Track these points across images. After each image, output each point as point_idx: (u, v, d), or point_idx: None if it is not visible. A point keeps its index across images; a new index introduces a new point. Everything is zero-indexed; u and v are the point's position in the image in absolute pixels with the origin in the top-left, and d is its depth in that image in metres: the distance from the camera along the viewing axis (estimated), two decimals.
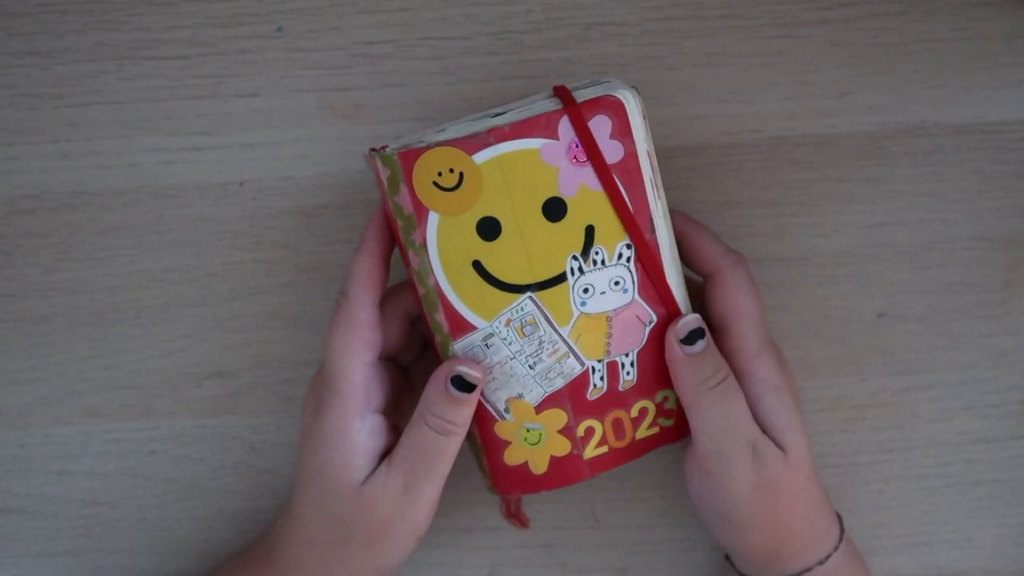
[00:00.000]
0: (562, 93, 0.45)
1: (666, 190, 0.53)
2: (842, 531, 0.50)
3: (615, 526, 0.56)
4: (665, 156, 0.53)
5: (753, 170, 0.53)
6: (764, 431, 0.47)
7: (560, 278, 0.46)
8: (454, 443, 0.46)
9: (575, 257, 0.45)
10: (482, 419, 0.47)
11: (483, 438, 0.48)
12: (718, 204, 0.53)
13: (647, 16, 0.52)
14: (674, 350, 0.46)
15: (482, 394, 0.47)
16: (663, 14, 0.52)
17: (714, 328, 0.48)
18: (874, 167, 0.53)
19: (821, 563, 0.48)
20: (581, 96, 0.45)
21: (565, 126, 0.44)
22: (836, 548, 0.49)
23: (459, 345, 0.46)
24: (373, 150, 0.45)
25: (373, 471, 0.46)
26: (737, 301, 0.48)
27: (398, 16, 0.52)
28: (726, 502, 0.47)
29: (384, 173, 0.45)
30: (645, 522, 0.56)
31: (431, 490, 0.47)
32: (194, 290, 0.54)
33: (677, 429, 0.49)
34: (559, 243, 0.45)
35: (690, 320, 0.46)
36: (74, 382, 0.55)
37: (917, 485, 0.56)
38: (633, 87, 0.45)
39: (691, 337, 0.46)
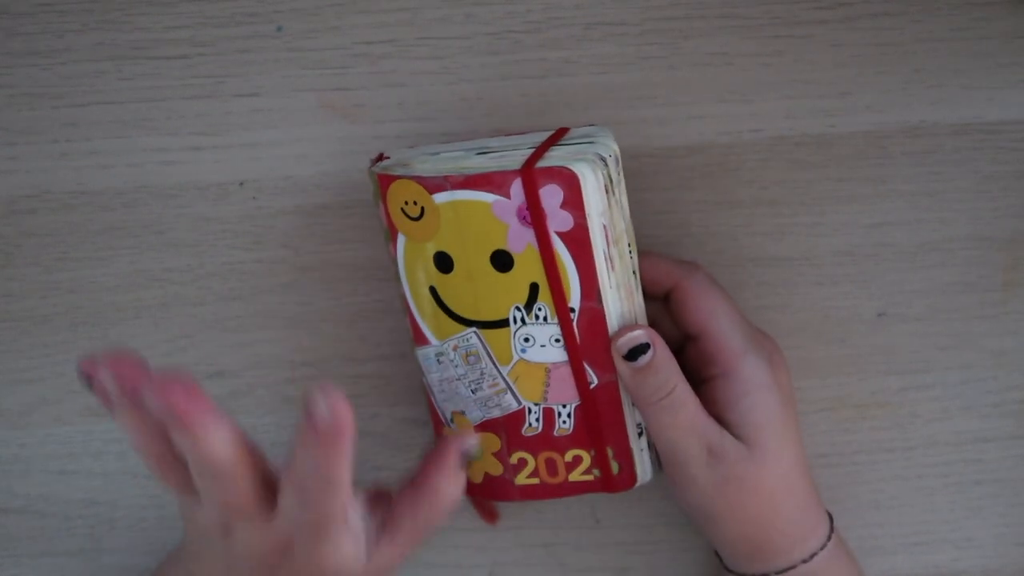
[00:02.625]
0: (542, 146, 0.45)
1: (666, 190, 0.53)
2: (831, 531, 0.50)
3: (615, 526, 0.56)
4: (665, 156, 0.53)
5: (753, 170, 0.53)
6: (737, 427, 0.47)
7: (503, 323, 0.46)
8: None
9: (518, 308, 0.46)
10: (435, 422, 0.50)
11: (436, 436, 0.51)
12: (718, 204, 0.53)
13: (647, 16, 0.52)
14: (619, 366, 0.46)
15: (434, 399, 0.49)
16: (663, 14, 0.52)
17: (693, 337, 0.49)
18: (874, 167, 0.53)
19: (806, 561, 0.48)
20: (554, 152, 0.45)
21: (517, 187, 0.44)
22: (823, 547, 0.49)
23: (420, 351, 0.48)
24: (380, 156, 0.47)
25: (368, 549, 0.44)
26: (704, 303, 0.48)
27: (398, 16, 0.52)
28: (695, 497, 0.47)
29: (371, 186, 0.47)
30: (645, 522, 0.56)
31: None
32: (194, 290, 0.54)
33: (610, 482, 0.49)
34: (505, 292, 0.46)
35: (633, 336, 0.45)
36: (74, 382, 0.55)
37: (917, 485, 0.56)
38: (604, 159, 0.44)
39: (633, 354, 0.45)
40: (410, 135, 0.52)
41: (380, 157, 0.47)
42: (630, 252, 0.46)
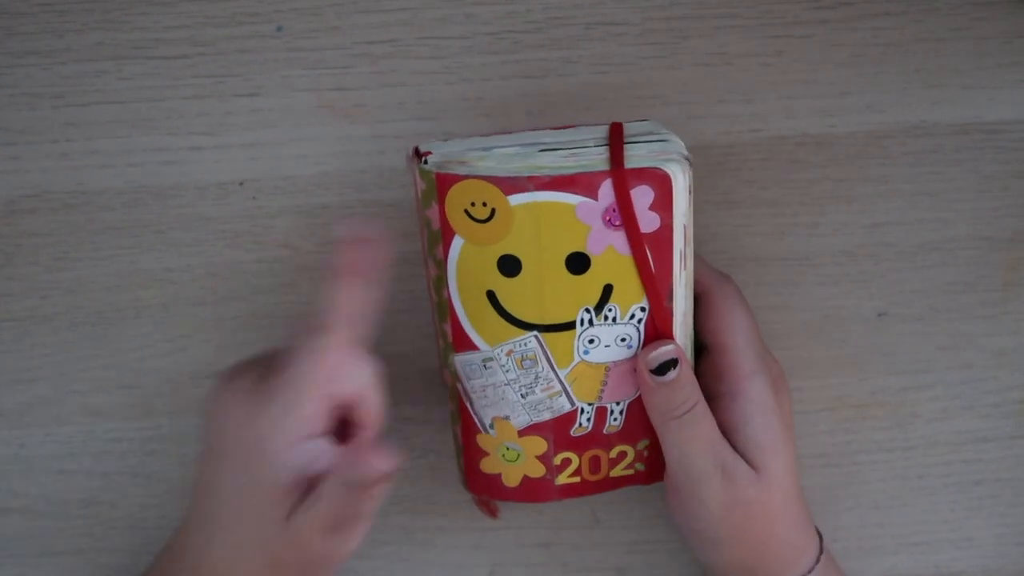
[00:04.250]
0: (615, 144, 0.43)
1: None
2: (821, 550, 0.50)
3: (615, 526, 0.56)
4: None
5: (753, 170, 0.53)
6: (744, 450, 0.47)
7: (569, 325, 0.45)
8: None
9: (587, 310, 0.45)
10: (467, 427, 0.48)
11: (465, 443, 0.49)
12: (718, 204, 0.53)
13: (647, 16, 0.52)
14: (643, 377, 0.46)
15: (471, 405, 0.48)
16: (663, 14, 0.52)
17: (707, 347, 0.49)
18: (874, 167, 0.53)
19: None
20: (632, 151, 0.43)
21: (607, 188, 0.43)
22: (811, 569, 0.49)
23: (459, 358, 0.47)
24: (417, 153, 0.44)
25: (299, 502, 0.44)
26: (729, 317, 0.48)
27: (398, 16, 0.52)
28: (700, 520, 0.47)
29: (420, 185, 0.44)
30: (645, 522, 0.56)
31: (362, 532, 0.45)
32: (194, 290, 0.54)
33: (651, 474, 0.49)
34: (575, 294, 0.45)
35: (664, 351, 0.46)
36: (74, 382, 0.55)
37: (917, 484, 0.56)
38: (687, 158, 0.43)
39: (662, 368, 0.46)
40: (410, 135, 0.52)
41: (418, 152, 0.44)
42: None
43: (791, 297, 0.54)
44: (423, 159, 0.43)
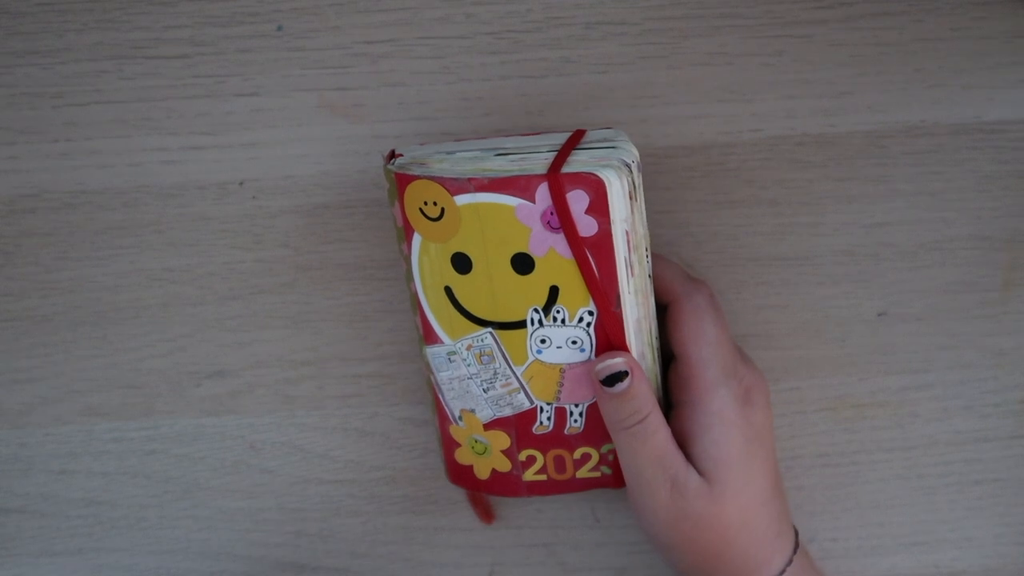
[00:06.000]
0: (563, 149, 0.45)
1: (666, 190, 0.53)
2: (790, 560, 0.49)
3: (615, 526, 0.56)
4: (665, 156, 0.53)
5: (753, 170, 0.53)
6: (699, 461, 0.47)
7: (520, 324, 0.46)
8: None
9: (536, 310, 0.46)
10: (442, 418, 0.50)
11: (442, 433, 0.51)
12: (718, 204, 0.53)
13: (647, 16, 0.52)
14: (596, 386, 0.47)
15: (442, 396, 0.49)
16: (663, 13, 0.52)
17: (674, 356, 0.49)
18: (874, 167, 0.53)
19: None
20: (575, 156, 0.45)
21: (543, 192, 0.44)
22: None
23: (429, 350, 0.48)
24: (392, 155, 0.47)
25: None
26: (694, 328, 0.48)
27: (398, 16, 0.52)
28: (652, 526, 0.48)
29: (386, 183, 0.46)
30: None
31: None
32: (194, 289, 0.54)
33: (618, 478, 0.50)
34: (523, 294, 0.46)
35: (612, 364, 0.46)
36: (74, 382, 0.55)
37: (917, 484, 0.56)
38: (628, 165, 0.44)
39: (610, 380, 0.46)
40: (410, 135, 0.52)
41: (393, 154, 0.47)
42: (647, 256, 0.47)
43: (791, 297, 0.54)
44: (392, 160, 0.46)
